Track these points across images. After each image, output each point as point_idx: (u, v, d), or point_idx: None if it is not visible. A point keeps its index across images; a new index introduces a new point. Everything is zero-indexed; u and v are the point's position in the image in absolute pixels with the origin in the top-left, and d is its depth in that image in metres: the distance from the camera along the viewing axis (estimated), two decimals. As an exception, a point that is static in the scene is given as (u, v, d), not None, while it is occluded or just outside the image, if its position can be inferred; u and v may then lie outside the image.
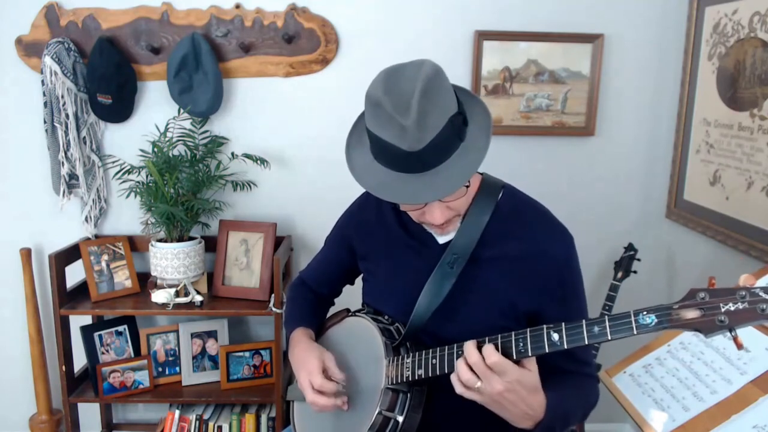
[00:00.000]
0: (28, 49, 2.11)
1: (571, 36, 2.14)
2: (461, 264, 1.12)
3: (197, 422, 2.15)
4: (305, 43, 2.14)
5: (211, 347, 2.22)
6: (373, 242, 1.27)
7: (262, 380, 2.18)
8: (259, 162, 2.14)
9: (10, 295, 2.28)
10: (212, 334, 2.22)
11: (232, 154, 2.14)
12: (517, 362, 0.94)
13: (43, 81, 2.04)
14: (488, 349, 0.94)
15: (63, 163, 2.10)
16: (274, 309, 2.00)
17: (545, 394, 0.98)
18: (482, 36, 2.14)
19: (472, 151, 0.99)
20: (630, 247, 2.14)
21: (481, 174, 1.20)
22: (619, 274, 2.12)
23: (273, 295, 2.02)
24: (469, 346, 0.96)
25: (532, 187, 1.23)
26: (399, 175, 0.99)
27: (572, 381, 1.13)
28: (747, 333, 0.88)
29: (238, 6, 2.11)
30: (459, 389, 0.97)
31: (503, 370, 0.92)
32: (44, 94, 2.05)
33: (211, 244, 2.18)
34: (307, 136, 2.22)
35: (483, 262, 1.13)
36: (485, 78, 2.17)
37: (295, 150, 2.23)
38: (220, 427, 2.15)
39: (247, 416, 2.15)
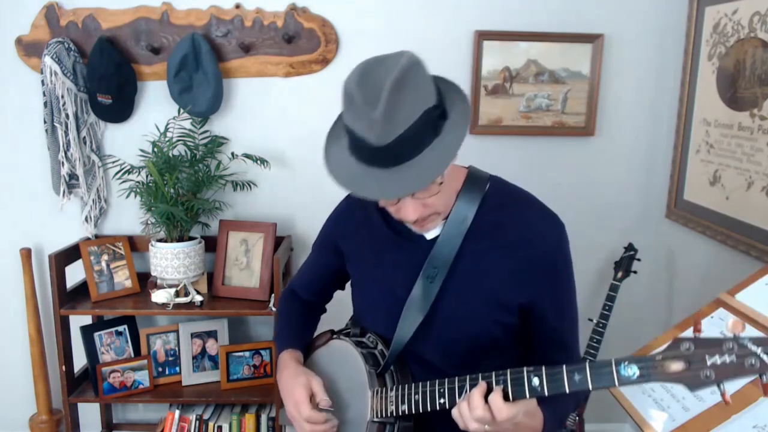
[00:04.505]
0: (28, 49, 2.11)
1: (571, 36, 2.14)
2: (441, 277, 1.10)
3: (197, 422, 2.15)
4: (305, 43, 2.14)
5: (211, 347, 2.22)
6: (360, 243, 1.24)
7: (262, 380, 2.18)
8: (259, 162, 2.14)
9: (10, 295, 2.29)
10: (212, 334, 2.22)
11: (232, 154, 2.14)
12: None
13: (43, 81, 2.04)
14: (497, 401, 0.91)
15: (63, 163, 2.10)
16: (274, 309, 2.00)
17: (541, 407, 0.98)
18: (482, 36, 2.14)
19: (446, 146, 0.95)
20: (630, 247, 2.14)
21: (467, 168, 1.16)
22: (619, 274, 2.12)
23: (273, 294, 2.02)
24: (475, 398, 0.92)
25: (532, 187, 1.22)
26: (370, 170, 0.97)
27: None
28: (747, 331, 0.87)
29: (238, 6, 2.11)
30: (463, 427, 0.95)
31: (513, 415, 0.91)
32: (44, 94, 2.05)
33: (211, 244, 2.18)
34: (307, 136, 2.21)
35: (473, 256, 1.10)
36: (485, 78, 2.17)
37: (295, 150, 2.23)
38: (220, 427, 2.15)
39: (247, 416, 2.15)
